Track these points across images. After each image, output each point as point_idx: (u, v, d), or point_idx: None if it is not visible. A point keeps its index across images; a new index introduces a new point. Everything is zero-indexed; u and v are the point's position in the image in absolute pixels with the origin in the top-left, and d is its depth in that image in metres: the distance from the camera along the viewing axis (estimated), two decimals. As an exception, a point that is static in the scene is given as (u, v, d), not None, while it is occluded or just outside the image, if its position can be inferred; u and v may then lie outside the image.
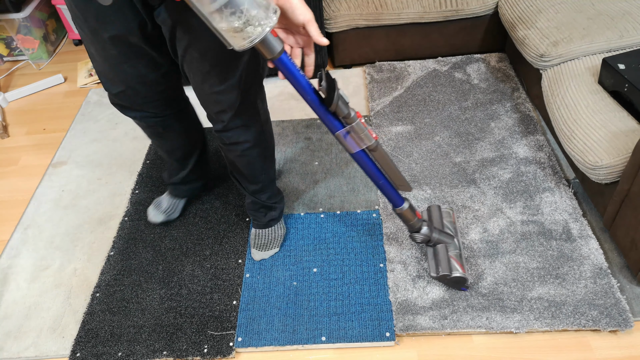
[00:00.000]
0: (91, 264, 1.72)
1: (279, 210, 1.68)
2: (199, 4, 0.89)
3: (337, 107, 1.10)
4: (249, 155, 1.43)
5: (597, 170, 1.47)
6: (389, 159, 1.26)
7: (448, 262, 1.46)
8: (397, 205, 1.39)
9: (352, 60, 2.45)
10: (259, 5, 0.90)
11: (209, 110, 1.32)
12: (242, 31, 0.91)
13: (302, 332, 1.46)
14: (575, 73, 1.74)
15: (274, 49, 0.98)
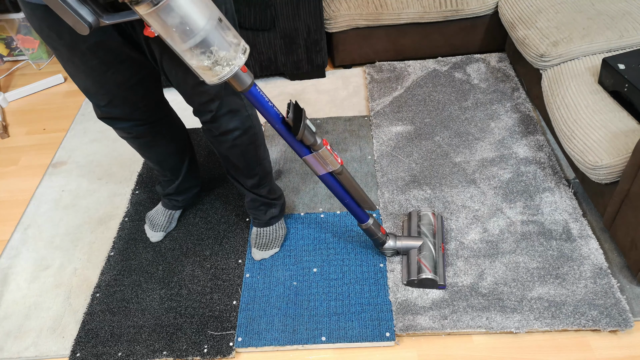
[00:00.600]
0: (91, 264, 1.72)
1: (279, 207, 1.67)
2: (172, 43, 0.94)
3: (304, 136, 1.19)
4: (240, 143, 1.42)
5: (597, 170, 1.47)
6: (354, 181, 1.37)
7: (416, 265, 1.51)
8: (362, 222, 1.49)
9: (352, 60, 2.45)
10: (229, 44, 0.96)
11: (195, 103, 1.30)
12: (212, 69, 0.98)
13: (302, 332, 1.46)
14: (575, 73, 1.74)
15: (244, 83, 1.05)
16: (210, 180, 1.95)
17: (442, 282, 1.51)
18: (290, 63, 2.36)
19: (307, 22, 2.21)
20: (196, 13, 0.91)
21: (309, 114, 2.23)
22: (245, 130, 1.41)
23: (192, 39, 0.93)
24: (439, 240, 1.60)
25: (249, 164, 1.50)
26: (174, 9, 0.88)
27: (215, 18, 0.95)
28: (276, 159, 2.02)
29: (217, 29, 0.95)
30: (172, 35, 0.93)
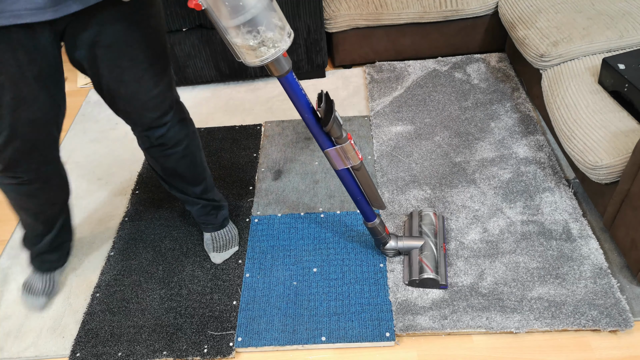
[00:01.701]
0: (91, 264, 1.72)
1: (226, 207, 1.67)
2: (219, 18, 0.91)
3: (332, 128, 1.16)
4: (190, 152, 1.39)
5: (597, 170, 1.47)
6: (370, 178, 1.36)
7: (417, 265, 1.51)
8: (369, 220, 1.48)
9: (352, 60, 2.45)
10: (275, 27, 0.93)
11: (148, 120, 1.25)
12: (256, 50, 0.94)
13: (302, 332, 1.46)
14: (575, 73, 1.74)
15: (283, 68, 1.03)
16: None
17: (444, 281, 1.51)
18: (290, 63, 2.35)
19: (307, 22, 2.21)
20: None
21: (309, 114, 2.23)
22: (192, 136, 1.38)
23: (243, 15, 0.89)
24: (441, 240, 1.60)
25: (197, 169, 1.46)
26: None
27: None
28: (276, 158, 2.02)
29: (268, 8, 0.92)
30: (221, 9, 0.89)
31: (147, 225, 1.81)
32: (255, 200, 1.86)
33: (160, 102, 1.23)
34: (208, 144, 2.12)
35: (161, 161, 1.39)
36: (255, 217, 1.80)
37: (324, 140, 1.23)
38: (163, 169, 1.43)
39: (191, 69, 2.33)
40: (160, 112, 1.25)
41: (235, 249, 1.68)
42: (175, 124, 1.32)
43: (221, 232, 1.67)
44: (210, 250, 1.67)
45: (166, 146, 1.34)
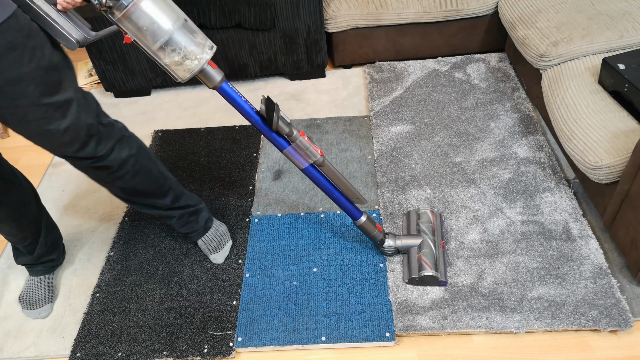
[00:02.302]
0: (91, 264, 1.72)
1: (205, 209, 1.62)
2: (145, 44, 1.07)
3: (278, 126, 1.24)
4: (141, 167, 1.35)
5: (597, 170, 1.47)
6: (339, 173, 1.37)
7: (416, 263, 1.52)
8: (355, 218, 1.49)
9: (352, 60, 2.45)
10: (194, 42, 1.09)
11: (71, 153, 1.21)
12: (182, 64, 1.09)
13: (302, 332, 1.46)
14: (575, 73, 1.74)
15: (214, 79, 1.15)
16: (210, 180, 1.95)
17: (444, 278, 1.51)
18: (290, 63, 2.35)
19: (307, 22, 2.21)
20: (163, 14, 1.04)
21: (309, 114, 2.23)
22: (138, 150, 1.35)
23: (162, 37, 1.05)
24: (439, 237, 1.61)
25: (157, 181, 1.42)
26: (142, 12, 1.02)
27: (181, 19, 1.08)
28: (276, 158, 2.02)
29: (183, 28, 1.07)
30: (144, 37, 1.05)
31: (147, 225, 1.81)
32: (255, 200, 1.86)
33: (74, 134, 1.18)
34: (208, 144, 2.12)
35: (116, 184, 1.35)
36: (255, 217, 1.80)
37: (279, 142, 1.29)
38: (122, 190, 1.38)
39: (191, 69, 2.32)
40: (79, 144, 1.20)
41: (230, 243, 1.68)
42: (111, 148, 1.27)
43: (210, 234, 1.64)
44: (208, 253, 1.66)
45: (112, 169, 1.30)
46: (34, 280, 1.61)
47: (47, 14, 1.08)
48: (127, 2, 1.01)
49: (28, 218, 1.45)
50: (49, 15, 1.09)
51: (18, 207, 1.40)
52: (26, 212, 1.44)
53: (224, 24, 2.15)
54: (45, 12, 1.08)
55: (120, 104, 2.42)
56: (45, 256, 1.59)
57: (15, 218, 1.41)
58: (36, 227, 1.50)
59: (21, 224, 1.43)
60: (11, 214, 1.39)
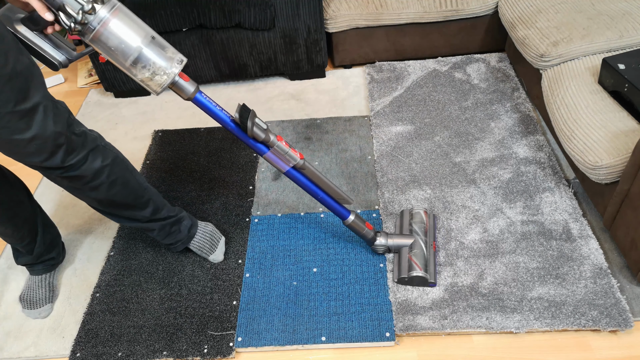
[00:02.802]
0: (91, 264, 1.72)
1: (186, 217, 1.59)
2: (117, 62, 1.12)
3: (254, 132, 1.26)
4: (117, 177, 1.33)
5: (597, 170, 1.47)
6: (321, 175, 1.40)
7: (406, 263, 1.52)
8: (343, 218, 1.50)
9: (352, 60, 2.45)
10: (164, 58, 1.13)
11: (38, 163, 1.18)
12: (152, 79, 1.14)
13: (302, 332, 1.46)
14: (575, 73, 1.74)
15: (187, 90, 1.20)
16: (210, 180, 1.95)
17: (433, 279, 1.51)
18: (290, 63, 2.35)
19: (307, 22, 2.21)
20: (130, 34, 1.09)
21: (309, 114, 2.23)
22: (114, 160, 1.32)
23: (131, 55, 1.10)
24: (431, 238, 1.61)
25: (135, 193, 1.40)
26: (110, 33, 1.07)
27: (149, 37, 1.12)
28: (276, 159, 2.02)
29: (151, 45, 1.12)
30: (115, 55, 1.10)
31: (147, 225, 1.81)
32: (255, 200, 1.86)
33: (41, 144, 1.14)
34: (208, 144, 2.12)
35: (91, 195, 1.32)
36: (255, 217, 1.80)
37: (259, 147, 1.31)
38: (98, 202, 1.36)
39: (191, 69, 2.33)
40: (46, 154, 1.17)
41: (223, 239, 1.68)
42: (84, 157, 1.24)
43: (199, 239, 1.63)
44: (206, 256, 1.65)
45: (85, 179, 1.27)
46: (34, 280, 1.61)
47: (30, 39, 1.15)
48: (94, 25, 1.06)
49: (22, 217, 1.45)
50: (31, 40, 1.15)
51: (11, 207, 1.40)
52: (19, 211, 1.43)
53: (224, 24, 2.15)
54: (27, 38, 1.14)
55: (120, 104, 2.42)
56: (45, 255, 1.59)
57: (9, 218, 1.40)
58: (32, 226, 1.50)
59: (16, 224, 1.43)
60: (4, 214, 1.39)
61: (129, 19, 1.10)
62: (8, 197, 1.39)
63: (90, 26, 1.06)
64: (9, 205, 1.39)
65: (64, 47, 1.19)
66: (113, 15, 1.07)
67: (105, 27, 1.07)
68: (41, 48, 1.16)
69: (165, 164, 2.04)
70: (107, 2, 1.07)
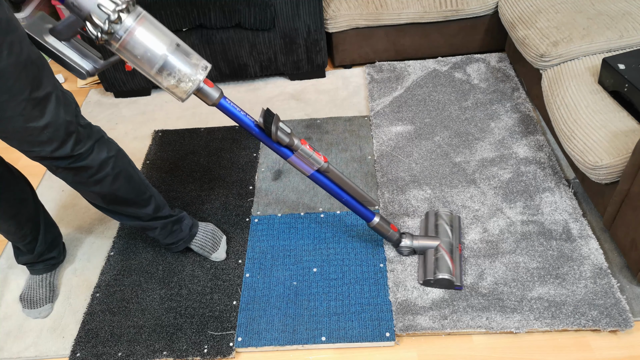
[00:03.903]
0: (91, 264, 1.72)
1: (187, 217, 1.60)
2: (143, 71, 1.13)
3: (278, 137, 1.26)
4: (120, 171, 1.33)
5: (597, 170, 1.47)
6: (345, 177, 1.40)
7: (432, 265, 1.51)
8: (368, 220, 1.49)
9: (352, 60, 2.45)
10: (189, 65, 1.14)
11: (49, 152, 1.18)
12: (178, 87, 1.15)
13: (302, 332, 1.46)
14: (575, 73, 1.74)
15: (212, 96, 1.20)
16: (210, 180, 1.95)
17: (459, 282, 1.50)
18: (290, 63, 2.35)
19: (307, 22, 2.21)
20: (155, 42, 1.10)
21: (309, 114, 2.23)
22: (118, 153, 1.33)
23: (157, 63, 1.11)
24: (456, 240, 1.60)
25: (138, 188, 1.40)
26: (136, 42, 1.08)
27: (174, 44, 1.13)
28: (276, 158, 2.02)
29: (176, 52, 1.12)
30: (141, 64, 1.12)
31: (147, 225, 1.81)
32: (255, 200, 1.86)
33: (53, 132, 1.16)
34: (208, 144, 2.12)
35: (96, 189, 1.32)
36: (255, 217, 1.80)
37: (282, 151, 1.32)
38: (102, 197, 1.36)
39: (191, 69, 2.32)
40: (57, 142, 1.18)
41: (225, 237, 1.68)
42: (90, 147, 1.25)
43: (200, 238, 1.63)
44: (208, 255, 1.65)
45: (91, 170, 1.27)
46: (35, 280, 1.61)
47: (58, 49, 1.17)
48: (121, 34, 1.07)
49: (26, 215, 1.45)
50: (59, 50, 1.17)
51: (15, 204, 1.40)
52: (23, 209, 1.43)
53: (224, 24, 2.15)
54: (55, 48, 1.17)
55: (120, 104, 2.42)
56: (46, 254, 1.59)
57: (12, 215, 1.40)
58: (35, 224, 1.50)
59: (19, 221, 1.43)
60: (8, 211, 1.39)
61: (154, 27, 1.11)
62: (13, 194, 1.39)
63: (116, 35, 1.07)
64: (13, 202, 1.40)
65: (90, 56, 1.21)
66: (139, 24, 1.08)
67: (132, 35, 1.08)
68: (69, 57, 1.18)
69: (165, 164, 2.04)
70: (133, 10, 1.08)
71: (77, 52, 1.18)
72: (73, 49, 1.18)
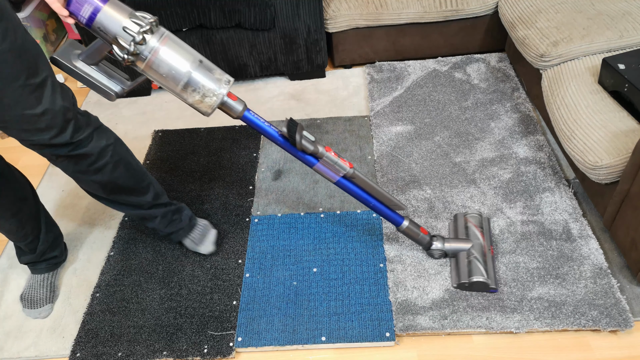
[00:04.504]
0: (91, 264, 1.72)
1: (186, 207, 1.64)
2: (169, 88, 1.18)
3: (302, 145, 1.28)
4: (120, 158, 1.35)
5: (597, 170, 1.47)
6: (371, 183, 1.40)
7: (466, 268, 1.48)
8: (397, 224, 1.49)
9: (352, 60, 2.45)
10: (212, 80, 1.18)
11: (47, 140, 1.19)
12: (203, 102, 1.19)
13: (302, 332, 1.46)
14: (575, 73, 1.74)
15: (236, 109, 1.24)
16: (210, 180, 1.96)
17: (494, 285, 1.48)
18: (290, 63, 2.36)
19: (307, 22, 2.21)
20: (179, 60, 1.15)
21: (309, 114, 2.24)
22: (116, 140, 1.35)
23: (182, 80, 1.15)
24: (488, 242, 1.58)
25: (137, 176, 1.41)
26: (161, 61, 1.13)
27: (197, 61, 1.17)
28: (276, 158, 2.02)
29: (200, 68, 1.17)
30: (167, 82, 1.16)
31: (147, 225, 1.81)
32: (255, 200, 1.86)
33: (51, 118, 1.16)
34: (208, 144, 2.12)
35: (96, 178, 1.34)
36: (255, 217, 1.80)
37: (308, 159, 1.34)
38: (102, 186, 1.37)
39: (191, 69, 2.33)
40: (56, 129, 1.18)
41: (215, 231, 1.69)
42: (90, 134, 1.27)
43: (194, 230, 1.65)
44: (196, 248, 1.66)
45: (91, 157, 1.29)
46: (36, 279, 1.61)
47: (87, 74, 1.25)
48: (146, 54, 1.12)
49: (27, 214, 1.45)
50: (88, 74, 1.25)
51: (15, 202, 1.40)
52: (24, 207, 1.43)
53: (224, 24, 2.15)
54: (85, 72, 1.25)
55: (120, 104, 2.42)
56: (48, 253, 1.59)
57: (13, 213, 1.41)
58: (36, 223, 1.50)
59: (21, 220, 1.43)
60: (9, 209, 1.39)
61: (177, 45, 1.16)
62: (13, 192, 1.39)
63: (142, 56, 1.12)
64: (15, 201, 1.40)
65: (117, 77, 1.28)
66: (162, 44, 1.13)
67: (156, 55, 1.13)
68: (98, 80, 1.25)
69: (165, 164, 2.04)
70: (156, 31, 1.13)
71: (105, 74, 1.26)
72: (101, 72, 1.25)
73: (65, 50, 1.25)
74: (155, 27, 1.13)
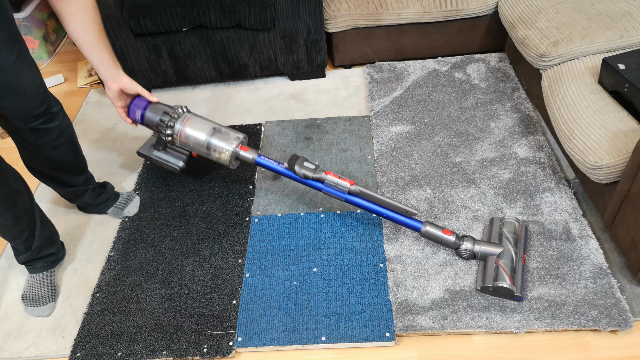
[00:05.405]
0: (91, 264, 1.72)
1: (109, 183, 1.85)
2: (200, 151, 1.62)
3: (303, 173, 1.56)
4: (69, 136, 1.56)
5: (597, 170, 1.47)
6: (378, 196, 1.54)
7: (493, 272, 1.47)
8: (417, 229, 1.56)
9: (352, 60, 2.45)
10: (224, 141, 1.59)
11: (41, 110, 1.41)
12: (221, 157, 1.61)
13: (302, 332, 1.46)
14: (575, 73, 1.74)
15: (249, 158, 1.61)
16: (210, 180, 1.96)
17: (519, 293, 1.45)
18: (290, 63, 2.36)
19: (307, 22, 2.21)
20: (199, 133, 1.60)
21: (309, 114, 2.24)
22: (70, 125, 1.56)
23: (204, 145, 1.59)
24: (521, 250, 1.55)
25: (79, 158, 1.65)
26: (187, 137, 1.60)
27: (211, 130, 1.60)
28: (276, 158, 2.02)
29: (214, 135, 1.59)
30: (197, 148, 1.61)
31: (147, 225, 1.81)
32: (255, 200, 1.86)
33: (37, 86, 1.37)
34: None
35: (50, 155, 1.52)
36: (255, 217, 1.80)
37: (315, 185, 1.58)
38: (50, 163, 1.56)
39: (191, 69, 2.33)
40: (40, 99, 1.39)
41: (138, 197, 1.89)
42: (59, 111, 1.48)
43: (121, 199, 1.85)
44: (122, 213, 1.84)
45: (54, 133, 1.48)
46: (36, 278, 1.61)
47: (161, 157, 1.74)
48: (177, 132, 1.59)
49: (22, 207, 1.45)
50: (162, 157, 1.74)
51: (11, 196, 1.41)
52: (19, 200, 1.44)
53: (224, 24, 2.15)
54: (159, 157, 1.75)
55: (120, 104, 2.42)
56: (45, 250, 1.59)
57: (8, 207, 1.41)
58: (31, 219, 1.50)
59: (16, 214, 1.44)
60: (5, 203, 1.39)
61: (197, 122, 1.60)
62: (8, 184, 1.40)
63: (175, 135, 1.60)
64: (9, 194, 1.40)
65: (178, 154, 1.74)
66: (185, 125, 1.59)
67: (183, 133, 1.59)
68: (167, 160, 1.74)
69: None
70: (181, 116, 1.59)
71: (170, 154, 1.74)
72: (168, 154, 1.74)
73: (145, 145, 1.77)
74: (182, 113, 1.59)
